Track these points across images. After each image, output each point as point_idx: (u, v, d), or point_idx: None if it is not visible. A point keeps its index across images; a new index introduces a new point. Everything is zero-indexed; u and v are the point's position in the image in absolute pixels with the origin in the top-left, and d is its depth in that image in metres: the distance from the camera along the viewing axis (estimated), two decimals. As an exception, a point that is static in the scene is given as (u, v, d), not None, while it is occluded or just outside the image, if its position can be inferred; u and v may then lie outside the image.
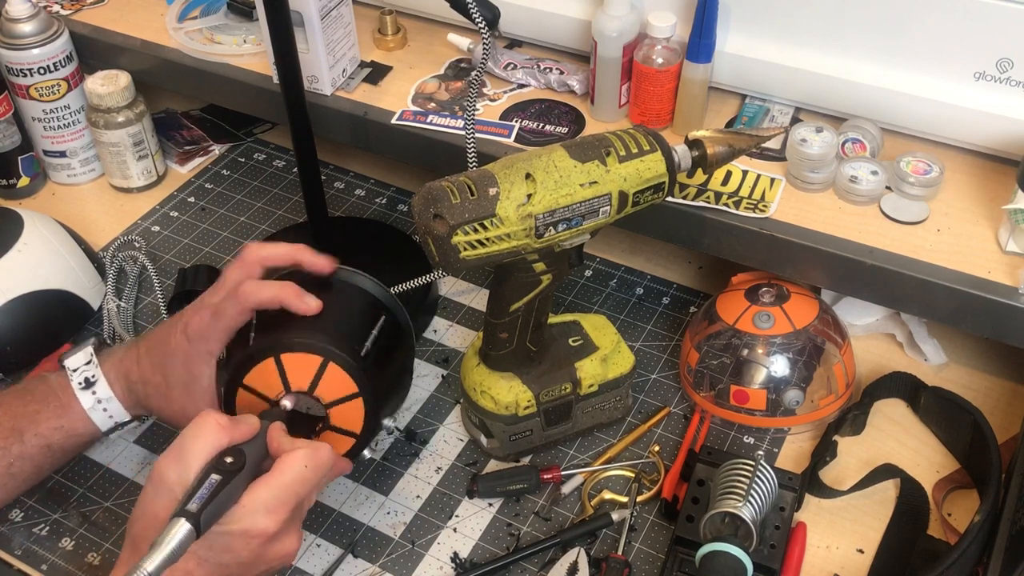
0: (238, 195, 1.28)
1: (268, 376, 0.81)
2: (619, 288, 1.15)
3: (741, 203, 0.97)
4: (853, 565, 0.88)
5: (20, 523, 0.92)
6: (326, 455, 0.75)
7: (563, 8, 1.10)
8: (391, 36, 1.18)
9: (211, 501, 0.68)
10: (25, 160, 1.26)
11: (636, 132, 0.84)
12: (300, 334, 0.81)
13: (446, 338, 1.10)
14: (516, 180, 0.79)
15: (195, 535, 0.66)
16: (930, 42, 0.95)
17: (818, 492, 0.92)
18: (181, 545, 0.65)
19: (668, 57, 1.01)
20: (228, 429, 0.73)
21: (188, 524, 0.66)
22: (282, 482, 0.72)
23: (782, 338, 0.95)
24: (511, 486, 0.93)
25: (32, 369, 1.04)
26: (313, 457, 0.74)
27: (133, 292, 1.15)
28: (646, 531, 0.91)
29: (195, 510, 0.67)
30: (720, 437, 0.99)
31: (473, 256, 0.80)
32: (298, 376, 0.80)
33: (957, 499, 0.92)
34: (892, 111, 1.00)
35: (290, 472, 0.73)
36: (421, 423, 1.01)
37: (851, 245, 0.93)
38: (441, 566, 0.89)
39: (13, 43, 1.18)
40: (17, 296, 1.04)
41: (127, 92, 1.21)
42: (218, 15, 1.25)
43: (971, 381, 1.02)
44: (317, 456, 0.74)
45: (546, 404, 0.93)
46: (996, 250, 0.92)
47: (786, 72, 1.02)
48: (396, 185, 1.30)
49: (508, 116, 1.09)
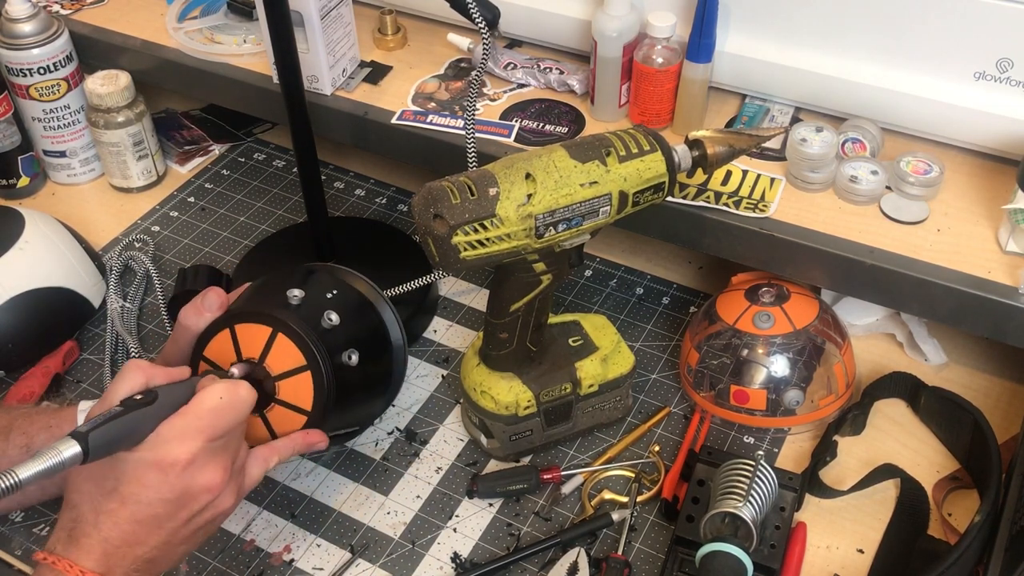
0: (238, 195, 1.28)
1: (225, 348, 0.82)
2: (619, 288, 1.15)
3: (741, 203, 0.97)
4: (853, 565, 0.88)
5: (20, 523, 0.92)
6: (244, 391, 0.76)
7: (563, 8, 1.10)
8: (391, 36, 1.18)
9: (102, 425, 0.68)
10: (25, 160, 1.26)
11: (636, 132, 0.84)
12: (255, 306, 0.82)
13: (446, 338, 1.10)
14: (516, 180, 0.79)
15: (82, 456, 0.67)
16: (930, 42, 0.95)
17: (818, 492, 0.92)
18: (62, 462, 0.66)
19: (668, 57, 1.01)
20: (146, 369, 0.75)
21: (75, 443, 0.66)
22: (195, 411, 0.73)
23: (782, 338, 0.95)
24: (511, 486, 0.93)
25: (34, 366, 1.04)
26: (229, 390, 0.75)
27: (139, 292, 1.15)
28: (646, 531, 0.91)
29: (84, 430, 0.67)
30: (720, 437, 0.99)
31: (473, 256, 0.80)
32: (250, 346, 0.82)
33: (957, 499, 0.92)
34: (892, 111, 1.00)
35: (203, 404, 0.74)
36: (421, 423, 1.01)
37: (851, 245, 0.93)
38: (441, 566, 0.89)
39: (13, 43, 1.18)
40: (19, 294, 1.04)
41: (127, 92, 1.21)
42: (218, 15, 1.25)
43: (971, 381, 1.02)
44: (234, 389, 0.75)
45: (546, 404, 0.93)
46: (996, 250, 0.92)
47: (786, 72, 1.02)
48: (396, 185, 1.30)
49: (508, 116, 1.09)
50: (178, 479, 0.72)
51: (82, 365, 1.07)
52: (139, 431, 0.71)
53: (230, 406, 0.74)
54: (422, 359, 1.07)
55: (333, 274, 0.92)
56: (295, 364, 0.81)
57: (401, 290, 1.05)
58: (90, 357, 1.08)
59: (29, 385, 1.02)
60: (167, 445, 0.71)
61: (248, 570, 0.89)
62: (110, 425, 0.69)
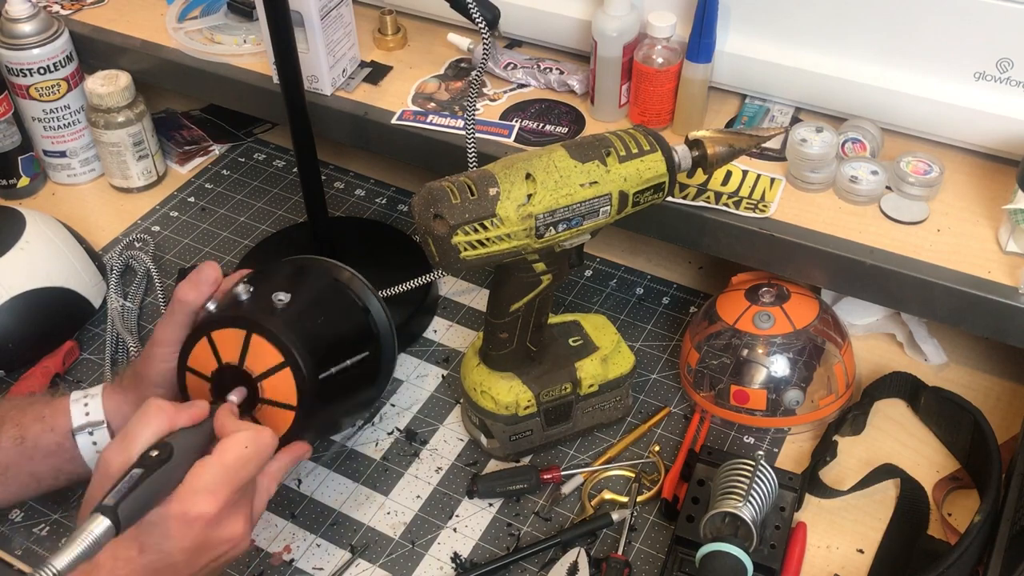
0: (238, 195, 1.28)
1: (205, 355, 0.82)
2: (619, 288, 1.15)
3: (741, 203, 0.97)
4: (853, 565, 0.88)
5: (20, 523, 0.92)
6: (268, 437, 0.75)
7: (563, 8, 1.10)
8: (391, 36, 1.18)
9: (129, 494, 0.67)
10: (25, 160, 1.26)
11: (636, 132, 0.84)
12: (229, 311, 0.82)
13: (446, 338, 1.10)
14: (516, 180, 0.79)
15: (114, 531, 0.66)
16: (930, 42, 0.95)
17: (818, 492, 0.92)
18: (97, 541, 0.65)
19: (668, 57, 1.01)
20: (170, 413, 0.73)
21: (106, 519, 0.66)
22: (221, 462, 0.72)
23: (782, 338, 0.95)
24: (511, 486, 0.93)
25: (34, 366, 1.04)
26: (254, 439, 0.74)
27: (139, 292, 1.15)
28: (646, 531, 0.91)
29: (112, 504, 0.66)
30: (720, 437, 0.99)
31: (473, 256, 0.80)
32: (228, 351, 0.81)
33: (957, 499, 0.92)
34: (892, 111, 1.00)
35: (230, 453, 0.72)
36: (421, 423, 1.01)
37: (851, 245, 0.93)
38: (441, 566, 0.89)
39: (13, 43, 1.18)
40: (19, 293, 1.04)
41: (127, 92, 1.21)
42: (218, 15, 1.25)
43: (971, 381, 1.02)
44: (259, 437, 0.74)
45: (546, 404, 0.93)
46: (996, 250, 0.92)
47: (786, 72, 1.02)
48: (396, 185, 1.30)
49: (508, 116, 1.09)
50: (202, 532, 0.71)
51: (82, 365, 1.07)
52: (164, 490, 0.70)
53: (255, 455, 0.73)
54: (422, 359, 1.07)
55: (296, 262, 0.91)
56: (274, 362, 0.81)
57: (401, 290, 1.05)
58: (90, 357, 1.08)
59: (29, 385, 1.02)
60: (192, 498, 0.70)
61: (248, 570, 0.89)
62: (136, 493, 0.68)
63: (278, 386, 0.81)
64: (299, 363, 0.80)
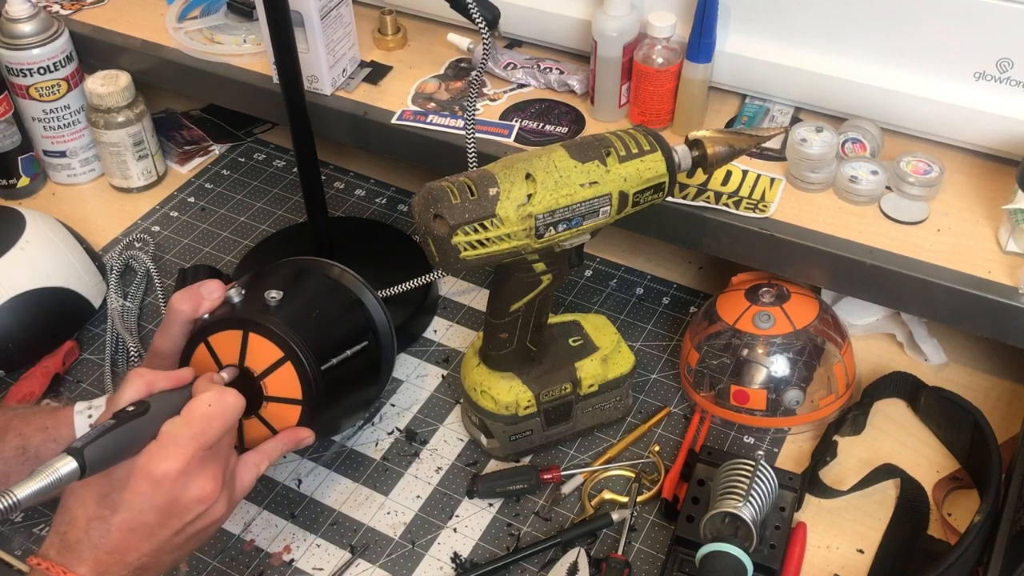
0: (238, 195, 1.28)
1: (206, 362, 0.82)
2: (619, 288, 1.15)
3: (741, 203, 0.97)
4: (853, 565, 0.88)
5: (20, 523, 0.93)
6: (232, 397, 0.76)
7: (563, 8, 1.10)
8: (391, 36, 1.18)
9: (96, 439, 0.68)
10: (25, 160, 1.26)
11: (636, 132, 0.84)
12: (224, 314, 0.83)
13: (446, 338, 1.10)
14: (516, 180, 0.79)
15: (79, 472, 0.67)
16: (930, 42, 0.95)
17: (818, 492, 0.92)
18: (59, 479, 0.66)
19: (668, 57, 1.01)
20: (149, 378, 0.75)
21: (72, 460, 0.67)
22: (186, 420, 0.73)
23: (782, 338, 0.95)
24: (511, 486, 0.93)
25: (34, 366, 1.04)
26: (218, 398, 0.75)
27: (139, 292, 1.15)
28: (646, 531, 0.91)
29: (79, 446, 0.68)
30: (720, 437, 0.99)
31: (473, 256, 0.80)
32: (227, 354, 0.82)
33: (957, 499, 0.92)
34: (892, 111, 1.00)
35: (195, 412, 0.73)
36: (421, 423, 1.01)
37: (851, 245, 0.93)
38: (441, 566, 0.89)
39: (13, 43, 1.18)
40: (19, 293, 1.04)
41: (127, 92, 1.21)
42: (218, 15, 1.25)
43: (971, 381, 1.02)
44: (222, 397, 0.75)
45: (546, 404, 0.93)
46: (996, 250, 0.92)
47: (786, 72, 1.02)
48: (396, 185, 1.30)
49: (508, 116, 1.09)
50: (170, 488, 0.72)
51: (82, 365, 1.07)
52: (136, 442, 0.71)
53: (219, 413, 0.74)
54: (422, 359, 1.07)
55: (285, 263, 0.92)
56: (274, 357, 0.81)
57: (401, 290, 1.05)
58: (90, 357, 1.08)
59: (29, 385, 1.02)
60: (160, 452, 0.71)
61: (248, 570, 0.89)
62: (105, 439, 0.69)
63: (281, 382, 0.81)
64: (299, 355, 0.81)
